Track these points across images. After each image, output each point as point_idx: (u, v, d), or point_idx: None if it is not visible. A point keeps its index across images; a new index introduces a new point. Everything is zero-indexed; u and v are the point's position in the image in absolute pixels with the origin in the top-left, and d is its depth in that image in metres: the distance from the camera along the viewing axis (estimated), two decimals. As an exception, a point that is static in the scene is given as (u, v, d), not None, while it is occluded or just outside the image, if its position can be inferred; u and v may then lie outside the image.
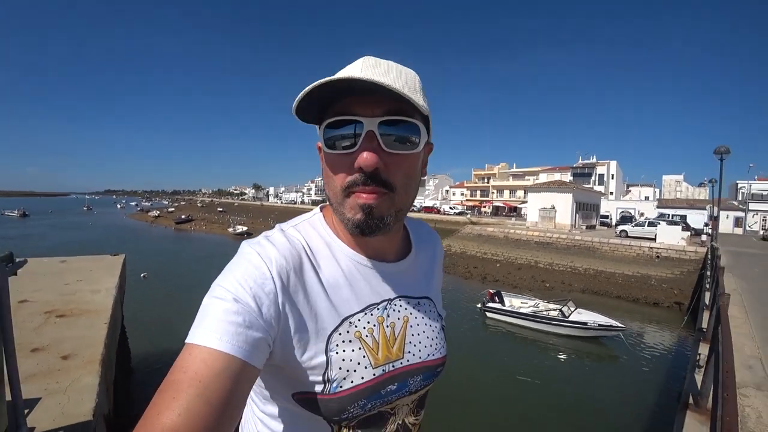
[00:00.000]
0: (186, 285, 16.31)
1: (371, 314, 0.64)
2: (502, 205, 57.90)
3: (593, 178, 57.12)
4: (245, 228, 39.68)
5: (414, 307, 0.70)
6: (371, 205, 0.57)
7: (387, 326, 0.65)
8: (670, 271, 17.89)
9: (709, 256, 14.76)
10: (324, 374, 0.58)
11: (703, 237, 21.85)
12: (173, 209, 72.52)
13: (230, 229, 39.85)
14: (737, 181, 58.62)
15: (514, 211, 54.17)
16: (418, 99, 0.57)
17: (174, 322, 11.14)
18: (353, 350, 0.61)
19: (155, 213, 60.04)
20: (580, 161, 60.70)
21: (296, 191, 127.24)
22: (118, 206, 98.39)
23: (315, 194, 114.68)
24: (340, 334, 0.60)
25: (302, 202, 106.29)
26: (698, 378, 3.35)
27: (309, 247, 0.63)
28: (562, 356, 10.25)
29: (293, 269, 0.58)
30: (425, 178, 0.70)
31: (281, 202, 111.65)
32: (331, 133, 0.58)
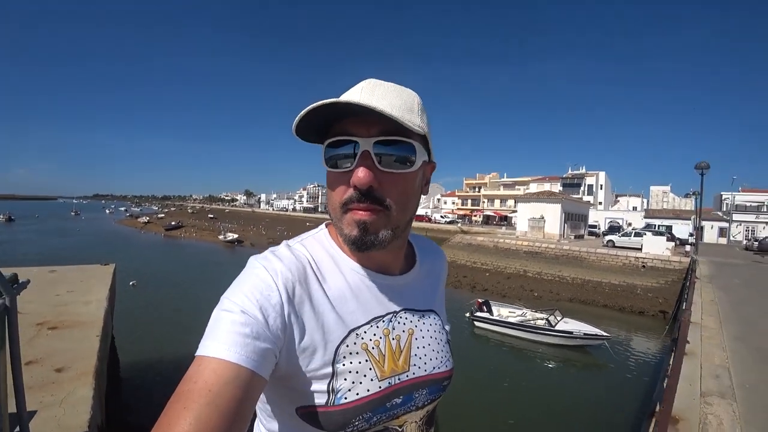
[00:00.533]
0: (176, 293, 16.25)
1: (377, 326, 0.65)
2: (492, 214, 58.41)
3: (582, 188, 57.87)
4: (236, 235, 39.46)
5: (419, 320, 0.71)
6: (366, 221, 0.59)
7: (393, 338, 0.66)
8: (655, 280, 18.23)
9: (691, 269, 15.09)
10: (329, 384, 0.59)
11: (687, 247, 22.31)
12: (163, 215, 71.97)
13: (221, 237, 39.58)
14: (721, 193, 59.94)
15: (505, 221, 54.66)
16: (414, 119, 0.61)
17: (163, 331, 11.13)
18: (360, 362, 0.61)
19: (145, 219, 59.30)
20: (569, 172, 61.51)
21: (288, 198, 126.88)
22: (107, 211, 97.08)
23: (307, 201, 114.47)
24: (347, 345, 0.61)
25: (294, 210, 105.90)
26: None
27: (314, 261, 0.65)
28: (548, 365, 10.42)
29: (299, 282, 0.60)
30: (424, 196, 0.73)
31: (273, 209, 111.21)
32: (331, 153, 0.61)
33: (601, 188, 58.84)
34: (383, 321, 0.66)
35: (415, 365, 0.67)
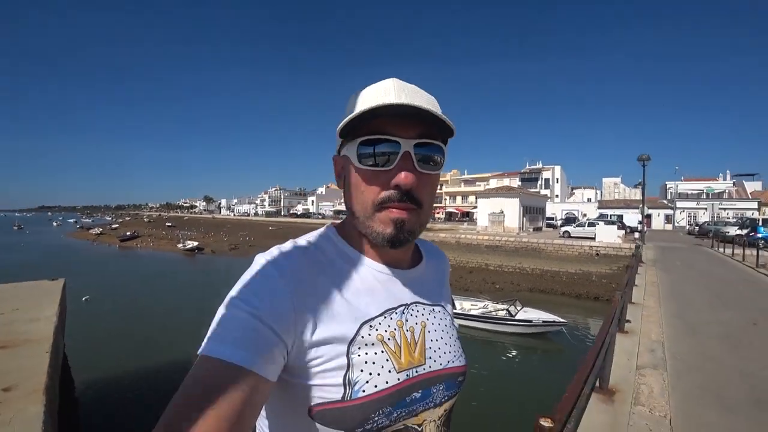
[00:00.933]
0: (133, 307, 15.67)
1: (391, 318, 0.64)
2: (455, 210, 59.61)
3: (540, 182, 60.04)
4: (196, 243, 38.33)
5: (430, 314, 0.71)
6: (404, 219, 0.60)
7: (407, 330, 0.65)
8: (608, 267, 19.26)
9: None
10: (345, 377, 0.56)
11: (637, 234, 23.66)
12: (117, 225, 68.62)
13: (180, 245, 38.30)
14: (666, 182, 64.19)
15: (467, 216, 55.86)
16: (450, 122, 0.61)
17: (121, 348, 10.71)
18: (376, 353, 0.59)
19: (97, 230, 56.51)
20: (527, 167, 63.71)
21: (250, 202, 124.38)
22: (55, 224, 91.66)
23: (269, 205, 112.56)
24: (362, 337, 0.59)
25: (256, 214, 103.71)
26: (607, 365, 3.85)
27: (323, 255, 0.64)
28: (510, 353, 10.84)
29: (307, 277, 0.59)
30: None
31: (234, 215, 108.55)
32: (365, 150, 0.60)
33: (557, 182, 61.22)
34: (396, 313, 0.65)
35: (430, 358, 0.66)
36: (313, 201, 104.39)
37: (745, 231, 23.95)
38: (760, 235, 21.11)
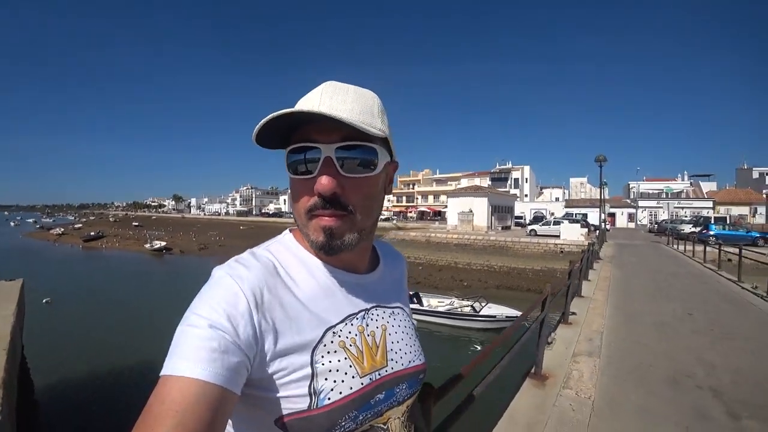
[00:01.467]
0: (97, 308, 15.29)
1: (351, 324, 0.65)
2: (426, 210, 60.40)
3: (509, 182, 61.51)
4: (164, 243, 37.49)
5: (390, 316, 0.72)
6: (332, 227, 0.60)
7: (368, 335, 0.66)
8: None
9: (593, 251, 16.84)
10: (310, 386, 0.57)
11: (598, 232, 24.72)
12: (81, 225, 66.23)
13: (147, 245, 37.31)
14: (629, 182, 67.33)
15: (439, 215, 56.70)
16: (375, 122, 0.62)
17: (83, 351, 10.48)
18: (339, 360, 0.60)
19: (59, 230, 54.18)
20: (497, 167, 65.15)
21: (221, 202, 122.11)
22: (12, 224, 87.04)
23: (240, 205, 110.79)
24: (324, 345, 0.60)
25: (227, 213, 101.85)
26: (547, 353, 4.20)
27: (281, 264, 0.63)
28: (475, 347, 11.24)
29: (267, 287, 0.58)
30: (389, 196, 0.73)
31: (204, 214, 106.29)
32: (293, 159, 0.61)
33: (526, 181, 62.85)
34: (357, 318, 0.66)
35: (392, 360, 0.68)
36: (285, 200, 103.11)
37: (698, 229, 25.61)
38: (711, 233, 22.60)
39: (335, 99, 0.60)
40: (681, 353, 4.59)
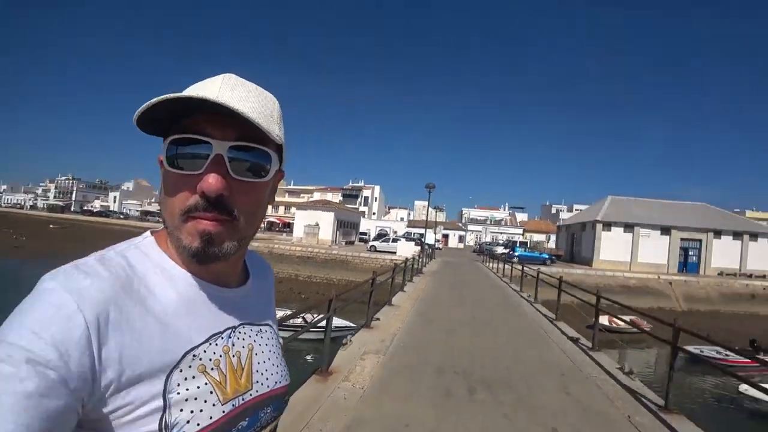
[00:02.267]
0: None
1: (216, 344, 0.57)
2: (275, 220, 59.10)
3: (360, 199, 64.55)
4: None
5: (257, 335, 0.66)
6: (211, 232, 0.53)
7: (233, 356, 0.59)
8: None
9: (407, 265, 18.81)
10: (161, 420, 0.48)
11: (429, 250, 27.61)
12: None
13: None
14: (463, 208, 78.65)
15: (288, 227, 56.02)
16: (274, 127, 0.56)
17: None
18: (198, 387, 0.52)
19: None
20: (350, 183, 67.97)
21: (27, 192, 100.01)
22: None
23: (55, 198, 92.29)
24: (181, 371, 0.51)
25: (34, 207, 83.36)
26: (341, 353, 4.68)
27: (137, 274, 0.53)
28: (306, 358, 11.39)
29: (114, 303, 0.48)
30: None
31: (1, 205, 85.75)
32: (174, 151, 0.54)
33: (375, 200, 66.80)
34: (222, 337, 0.58)
35: (257, 382, 0.61)
36: (116, 197, 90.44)
37: (507, 250, 31.19)
38: (516, 254, 27.75)
39: (236, 93, 0.55)
40: (455, 348, 5.44)
